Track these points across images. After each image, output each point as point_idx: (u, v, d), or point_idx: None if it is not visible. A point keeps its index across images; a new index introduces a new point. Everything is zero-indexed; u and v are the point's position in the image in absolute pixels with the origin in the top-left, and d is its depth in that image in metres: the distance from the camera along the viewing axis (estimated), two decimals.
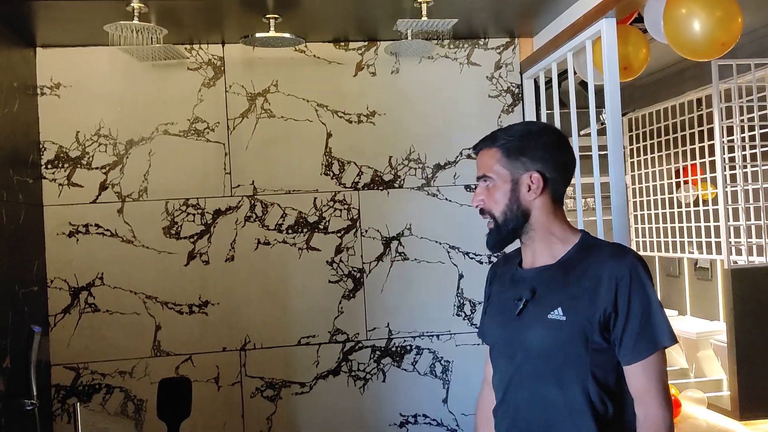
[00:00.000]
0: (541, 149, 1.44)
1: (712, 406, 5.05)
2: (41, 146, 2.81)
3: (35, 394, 2.41)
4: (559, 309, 1.38)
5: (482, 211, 1.50)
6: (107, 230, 2.85)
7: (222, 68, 2.92)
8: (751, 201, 5.09)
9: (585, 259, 1.41)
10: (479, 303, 3.04)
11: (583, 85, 4.61)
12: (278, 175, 2.95)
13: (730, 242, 5.06)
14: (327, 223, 2.98)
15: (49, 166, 2.82)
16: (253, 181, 2.93)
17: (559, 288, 1.41)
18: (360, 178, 3.00)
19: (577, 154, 2.70)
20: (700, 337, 5.50)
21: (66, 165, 2.82)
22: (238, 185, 2.92)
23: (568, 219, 1.54)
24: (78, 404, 2.48)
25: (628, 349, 1.35)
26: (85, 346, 2.81)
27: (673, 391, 5.21)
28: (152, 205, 2.87)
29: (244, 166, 2.93)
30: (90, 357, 2.81)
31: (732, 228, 5.09)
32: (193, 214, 2.89)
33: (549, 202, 1.45)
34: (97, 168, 2.85)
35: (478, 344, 3.03)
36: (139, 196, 2.87)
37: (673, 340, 1.37)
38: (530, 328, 1.41)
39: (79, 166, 2.83)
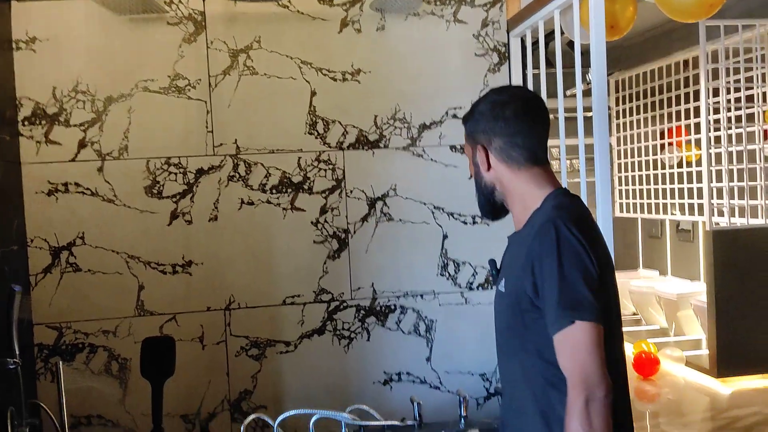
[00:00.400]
0: (486, 120, 1.44)
1: (691, 364, 5.20)
2: (18, 102, 2.74)
3: (17, 353, 2.41)
4: (503, 281, 1.42)
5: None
6: (87, 189, 2.80)
7: (203, 23, 2.85)
8: (735, 163, 5.14)
9: (529, 226, 1.40)
10: (463, 263, 3.06)
11: (570, 45, 4.57)
12: (261, 134, 2.91)
13: (713, 204, 5.11)
14: (311, 184, 2.96)
15: (26, 123, 2.75)
16: (236, 140, 2.89)
17: (507, 260, 1.46)
18: (345, 138, 2.97)
19: (562, 115, 2.70)
20: (681, 298, 5.62)
21: (43, 122, 2.76)
22: (221, 144, 2.88)
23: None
24: (61, 363, 2.49)
25: (548, 323, 1.30)
26: (67, 305, 2.79)
27: (651, 349, 5.34)
28: (133, 164, 2.83)
29: (227, 125, 2.88)
30: (72, 316, 2.80)
31: (715, 189, 5.15)
32: (175, 174, 2.86)
33: (505, 170, 1.44)
34: (75, 125, 2.79)
35: (462, 304, 3.06)
36: (119, 154, 2.82)
37: (584, 317, 1.25)
38: (496, 300, 1.48)
39: (56, 123, 2.77)
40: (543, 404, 1.32)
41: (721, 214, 5.31)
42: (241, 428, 2.33)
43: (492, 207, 1.50)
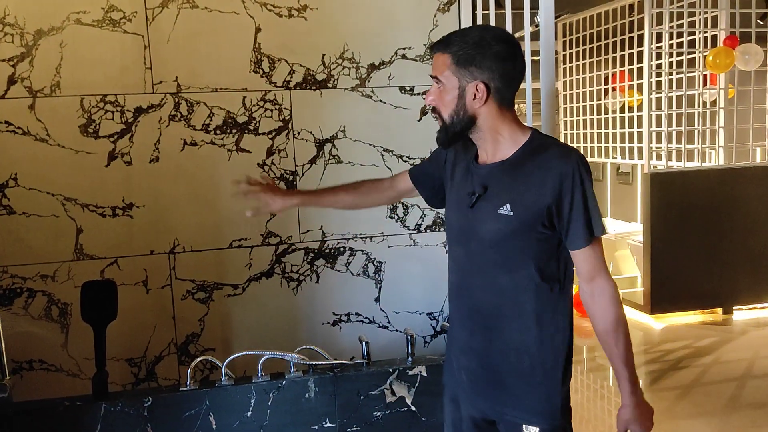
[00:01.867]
0: (489, 59, 1.53)
1: (626, 301, 5.43)
2: None
3: None
4: (508, 205, 1.54)
5: (433, 110, 1.62)
6: (18, 128, 2.66)
7: None
8: (674, 108, 5.27)
9: (534, 157, 1.55)
10: (411, 206, 3.06)
11: None
12: (204, 71, 2.80)
13: (651, 148, 5.26)
14: (257, 124, 2.88)
15: None
16: (176, 78, 2.78)
17: (508, 185, 1.56)
18: (291, 77, 2.89)
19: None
20: (618, 238, 5.82)
21: None
22: (160, 81, 2.76)
23: None
24: None
25: (574, 237, 1.53)
26: (3, 249, 2.68)
27: None
28: (66, 102, 2.69)
29: (166, 61, 2.76)
30: (8, 261, 2.69)
31: (654, 134, 5.28)
32: (112, 112, 2.73)
33: (495, 108, 1.57)
34: (3, 60, 2.62)
35: (410, 245, 3.09)
36: (51, 91, 2.67)
37: (605, 230, 1.57)
38: (482, 222, 1.57)
39: None
40: (534, 307, 1.57)
41: (659, 158, 5.48)
42: (188, 370, 2.32)
43: (457, 136, 1.60)
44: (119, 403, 2.17)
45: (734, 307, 5.19)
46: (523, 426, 1.59)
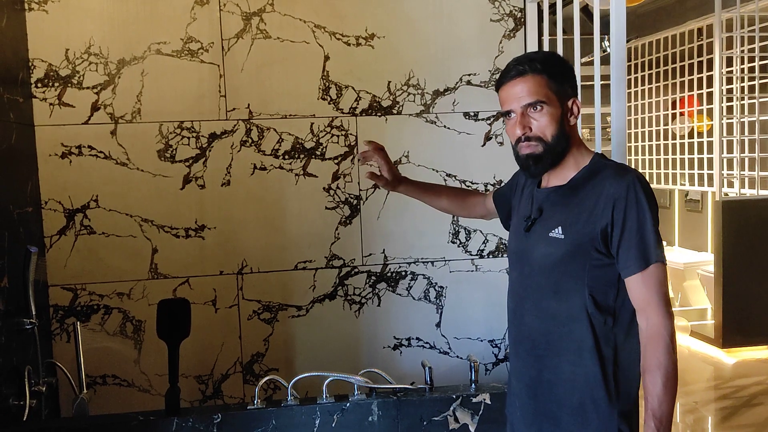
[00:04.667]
0: (572, 75, 1.55)
1: (695, 333, 5.24)
2: (30, 64, 2.73)
3: (34, 313, 2.45)
4: (559, 228, 1.50)
5: (528, 138, 1.54)
6: (101, 152, 2.81)
7: None
8: (747, 133, 5.10)
9: (590, 180, 1.51)
10: (474, 230, 3.06)
11: (585, 12, 4.50)
12: (274, 98, 2.90)
13: (723, 174, 5.09)
14: (324, 149, 2.95)
15: (39, 85, 2.74)
16: (248, 105, 2.88)
17: (562, 208, 1.53)
18: (358, 104, 2.96)
19: (579, 82, 2.68)
20: (687, 267, 5.64)
21: (56, 84, 2.75)
22: (233, 108, 2.87)
23: None
24: (77, 323, 2.53)
25: (625, 262, 1.44)
26: (82, 267, 2.82)
27: None
28: (146, 127, 2.82)
29: (240, 89, 2.87)
30: (87, 278, 2.82)
31: (725, 160, 5.12)
32: (188, 138, 2.85)
33: (575, 127, 1.58)
34: (88, 88, 2.78)
35: (472, 271, 3.08)
36: (132, 117, 2.81)
37: (663, 258, 1.44)
38: (535, 245, 1.55)
39: (69, 85, 2.76)
40: (586, 337, 1.47)
41: (730, 185, 5.30)
42: (256, 389, 2.37)
43: (555, 160, 1.54)
44: (190, 419, 2.23)
45: None
46: None
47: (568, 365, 1.49)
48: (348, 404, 2.34)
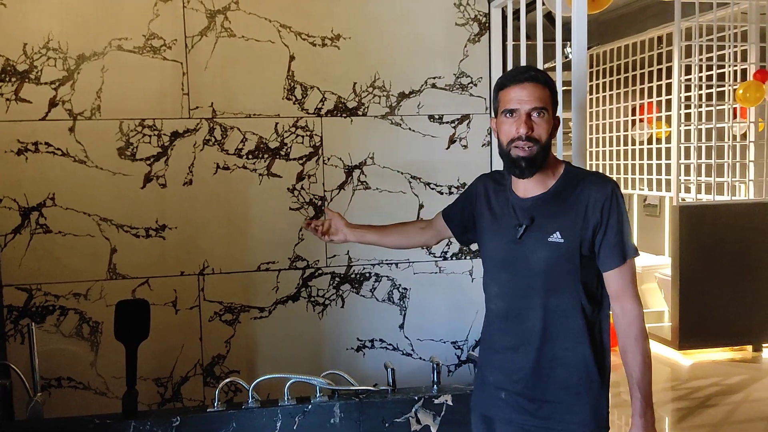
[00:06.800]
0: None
1: (653, 335, 5.34)
2: None
3: None
4: (558, 233, 1.65)
5: (528, 138, 1.65)
6: (58, 149, 2.74)
7: None
8: (704, 140, 5.24)
9: (574, 188, 1.68)
10: None
11: (548, 18, 4.57)
12: (238, 97, 2.87)
13: (680, 180, 5.22)
14: (289, 150, 2.93)
15: None
16: (212, 103, 2.85)
17: (554, 214, 1.67)
18: (323, 104, 2.95)
19: None
20: (645, 271, 5.75)
21: (13, 79, 2.68)
22: (197, 107, 2.84)
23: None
24: (32, 324, 2.46)
25: (606, 258, 1.64)
26: (38, 267, 2.75)
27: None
28: (105, 125, 2.77)
29: (203, 88, 2.83)
30: (43, 278, 2.75)
31: (683, 166, 5.25)
32: (149, 136, 2.80)
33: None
34: (46, 83, 2.71)
35: (435, 273, 3.10)
36: (91, 114, 2.75)
37: (637, 252, 1.68)
38: (532, 250, 1.67)
39: (27, 80, 2.69)
40: (580, 326, 1.67)
41: (687, 190, 5.43)
42: (215, 392, 2.34)
43: (541, 164, 1.68)
44: (148, 422, 2.20)
45: (764, 345, 5.08)
46: None
47: (565, 351, 1.67)
48: (310, 406, 2.33)
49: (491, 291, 1.80)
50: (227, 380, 2.46)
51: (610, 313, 1.74)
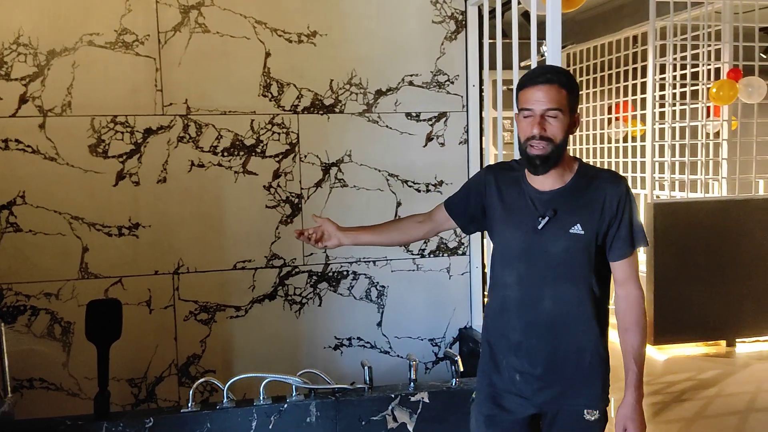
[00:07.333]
0: (579, 94, 1.87)
1: None
2: None
3: None
4: (578, 225, 1.76)
5: (542, 138, 1.73)
6: (28, 146, 2.69)
7: None
8: (678, 138, 5.30)
9: (590, 184, 1.79)
10: None
11: (525, 16, 4.58)
12: (213, 94, 2.84)
13: (655, 177, 5.28)
14: (265, 147, 2.91)
15: None
16: (186, 100, 2.81)
17: (574, 208, 1.78)
18: (300, 101, 2.93)
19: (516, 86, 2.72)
20: None
21: None
22: (170, 103, 2.80)
23: (495, 151, 1.66)
24: (2, 325, 2.40)
25: (618, 249, 1.77)
26: (8, 266, 2.69)
27: None
28: (77, 121, 2.72)
29: (177, 84, 2.80)
30: (13, 278, 2.70)
31: (657, 164, 5.31)
32: (122, 132, 2.76)
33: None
34: (16, 79, 2.66)
35: (413, 270, 3.09)
36: (62, 110, 2.70)
37: (647, 242, 1.81)
38: (553, 241, 1.77)
39: None
40: (593, 311, 1.79)
41: (662, 187, 5.49)
42: (190, 392, 2.31)
43: (556, 161, 1.76)
44: (120, 423, 2.16)
45: (737, 340, 5.16)
46: (585, 411, 1.80)
47: (581, 336, 1.78)
48: (285, 405, 2.31)
49: (507, 280, 1.86)
50: (202, 380, 2.43)
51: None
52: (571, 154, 1.87)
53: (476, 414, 1.95)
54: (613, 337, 1.80)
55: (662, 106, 5.37)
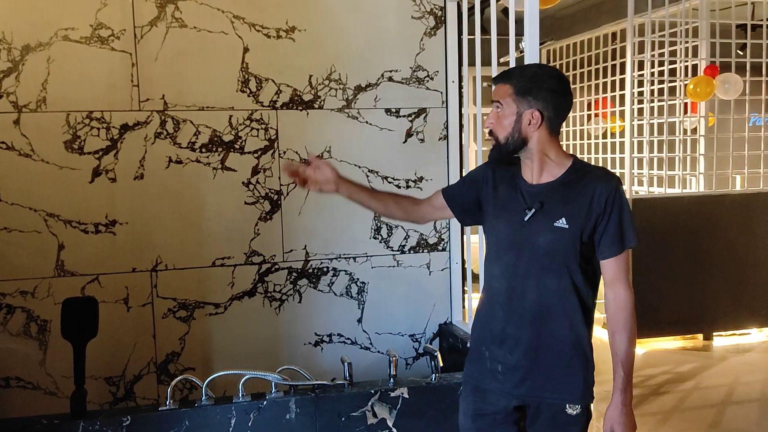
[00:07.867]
0: (544, 92, 1.78)
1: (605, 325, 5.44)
2: None
3: None
4: (563, 219, 1.77)
5: (490, 132, 1.81)
6: (2, 143, 2.65)
7: None
8: (656, 134, 5.35)
9: (581, 179, 1.80)
10: (396, 226, 3.08)
11: (505, 12, 4.60)
12: (191, 90, 2.81)
13: (633, 173, 5.33)
14: (243, 143, 2.89)
15: None
16: (163, 96, 2.78)
17: (561, 202, 1.79)
18: (278, 97, 2.91)
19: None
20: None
21: None
22: (147, 99, 2.77)
23: (476, 147, 1.71)
24: None
25: (606, 248, 1.77)
26: None
27: None
28: (52, 117, 2.68)
29: (154, 79, 2.77)
30: None
31: (636, 160, 5.36)
32: (98, 128, 2.73)
33: (546, 134, 1.81)
34: None
35: (393, 266, 3.10)
36: (37, 106, 2.66)
37: (638, 241, 1.79)
38: (538, 233, 1.79)
39: None
40: (577, 306, 1.79)
41: (640, 183, 5.55)
42: (168, 389, 2.29)
43: (509, 155, 1.82)
44: (97, 422, 2.14)
45: (714, 333, 5.23)
46: (566, 405, 1.80)
47: (563, 329, 1.79)
48: (265, 402, 2.30)
49: (495, 271, 1.89)
50: (180, 378, 2.42)
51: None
52: None
53: (463, 406, 1.96)
54: (603, 334, 1.80)
55: (641, 102, 5.42)
